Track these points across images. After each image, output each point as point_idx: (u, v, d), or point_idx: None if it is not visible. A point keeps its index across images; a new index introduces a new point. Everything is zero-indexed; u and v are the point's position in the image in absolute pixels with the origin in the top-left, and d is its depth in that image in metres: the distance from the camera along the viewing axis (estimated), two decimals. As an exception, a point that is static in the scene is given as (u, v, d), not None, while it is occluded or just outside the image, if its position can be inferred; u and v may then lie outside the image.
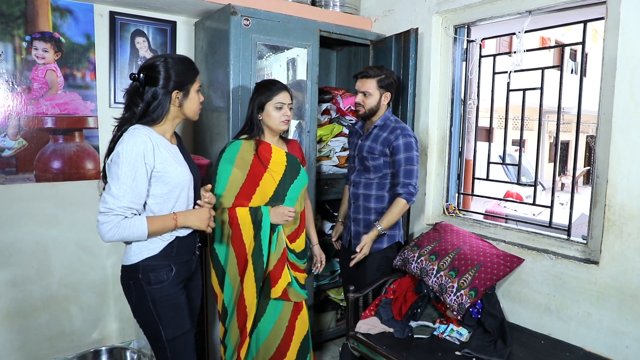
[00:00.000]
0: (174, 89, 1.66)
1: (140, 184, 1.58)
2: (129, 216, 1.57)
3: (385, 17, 3.06)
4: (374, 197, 2.44)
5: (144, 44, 2.75)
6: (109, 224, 1.54)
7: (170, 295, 1.69)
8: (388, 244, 2.46)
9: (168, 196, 1.67)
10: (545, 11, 2.33)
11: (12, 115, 2.43)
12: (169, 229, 1.65)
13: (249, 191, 2.01)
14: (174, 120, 1.73)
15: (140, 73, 1.63)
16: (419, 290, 2.39)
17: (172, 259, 1.70)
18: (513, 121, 10.27)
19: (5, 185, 2.45)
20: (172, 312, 1.69)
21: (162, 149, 1.64)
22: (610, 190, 2.03)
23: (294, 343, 2.13)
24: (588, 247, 2.19)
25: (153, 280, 1.66)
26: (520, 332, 2.25)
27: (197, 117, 1.80)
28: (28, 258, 2.54)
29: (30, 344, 2.58)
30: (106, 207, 1.54)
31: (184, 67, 1.69)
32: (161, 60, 1.66)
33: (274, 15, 2.50)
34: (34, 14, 2.43)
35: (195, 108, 1.76)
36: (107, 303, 2.81)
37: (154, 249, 1.66)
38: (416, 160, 2.36)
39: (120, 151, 1.56)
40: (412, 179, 2.34)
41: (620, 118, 1.99)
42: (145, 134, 1.60)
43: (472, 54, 2.79)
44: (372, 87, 2.39)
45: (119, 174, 1.55)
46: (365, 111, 2.43)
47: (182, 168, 1.70)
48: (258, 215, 1.98)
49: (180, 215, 1.66)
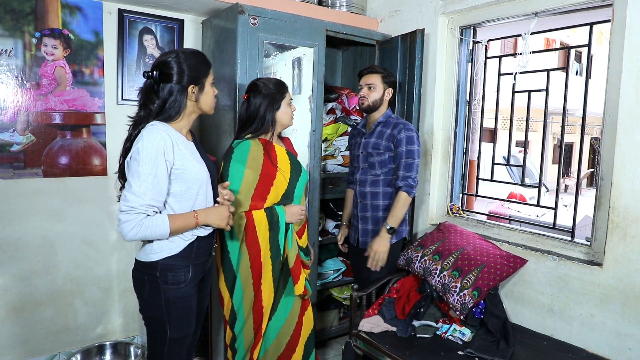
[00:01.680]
0: (189, 84, 1.65)
1: (161, 181, 1.56)
2: (151, 214, 1.55)
3: (392, 17, 3.07)
4: (382, 194, 2.46)
5: (151, 41, 2.77)
6: (131, 222, 1.51)
7: (185, 298, 1.68)
8: (396, 240, 2.48)
9: (187, 193, 1.65)
10: (551, 13, 2.33)
11: (21, 110, 2.45)
12: (190, 227, 1.63)
13: (263, 192, 1.99)
14: (190, 116, 1.72)
15: (154, 70, 1.62)
16: (422, 290, 2.40)
17: (191, 260, 1.69)
18: (517, 122, 10.25)
19: (14, 180, 2.47)
20: (182, 313, 1.68)
21: (181, 146, 1.63)
22: (615, 192, 2.03)
23: (301, 340, 2.14)
24: (592, 249, 2.19)
25: (170, 281, 1.64)
26: (523, 333, 2.26)
27: (212, 111, 1.78)
28: (34, 252, 2.56)
29: (35, 337, 2.60)
30: (128, 205, 1.51)
31: (196, 60, 1.68)
32: (173, 56, 1.64)
33: (281, 14, 2.51)
34: (43, 11, 2.45)
35: (211, 102, 1.75)
36: (111, 298, 2.83)
37: (175, 248, 1.65)
38: (417, 154, 2.39)
39: (140, 148, 1.53)
40: (412, 172, 2.36)
41: (626, 120, 1.99)
42: (164, 130, 1.59)
43: (477, 55, 2.80)
44: (378, 80, 2.47)
45: (139, 172, 1.52)
46: (369, 104, 2.48)
47: (200, 165, 1.69)
48: (274, 216, 1.97)
49: (201, 213, 1.65)
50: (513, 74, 2.54)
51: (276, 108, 2.05)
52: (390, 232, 2.37)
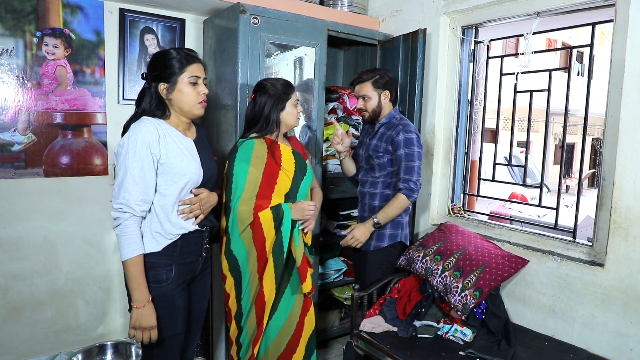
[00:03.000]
0: (157, 81, 1.67)
1: (148, 174, 1.57)
2: (138, 214, 1.57)
3: (393, 17, 3.06)
4: (379, 196, 2.45)
5: (153, 41, 2.77)
6: (118, 220, 1.57)
7: (167, 297, 1.67)
8: (389, 243, 2.45)
9: (171, 189, 1.64)
10: (553, 13, 2.33)
11: (22, 110, 2.45)
12: (131, 283, 1.60)
13: (267, 190, 1.98)
14: (178, 113, 1.72)
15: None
16: (424, 290, 2.40)
17: (174, 259, 1.68)
18: (518, 123, 10.24)
19: (15, 180, 2.47)
20: (165, 312, 1.67)
21: (169, 139, 1.63)
22: (617, 192, 2.03)
23: (302, 340, 2.14)
24: (593, 250, 2.19)
25: (151, 279, 1.63)
26: (525, 333, 2.25)
27: (194, 111, 1.72)
28: (35, 252, 2.56)
29: (36, 337, 2.60)
30: (118, 202, 1.55)
31: (165, 58, 1.66)
32: (155, 54, 1.72)
33: (283, 14, 2.51)
34: (45, 10, 2.45)
35: (188, 101, 1.68)
36: (112, 298, 2.83)
37: (157, 246, 1.64)
38: (417, 156, 2.33)
39: (126, 141, 1.55)
40: (413, 175, 2.30)
41: (628, 120, 1.99)
42: (153, 124, 1.60)
43: (479, 55, 2.79)
44: (369, 89, 2.42)
45: (127, 165, 1.54)
46: (369, 114, 2.46)
47: (190, 161, 1.68)
48: (280, 213, 1.96)
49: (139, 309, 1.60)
50: (515, 74, 2.54)
51: (281, 108, 2.04)
52: (376, 226, 2.34)
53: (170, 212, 1.66)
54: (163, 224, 1.65)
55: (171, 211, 1.66)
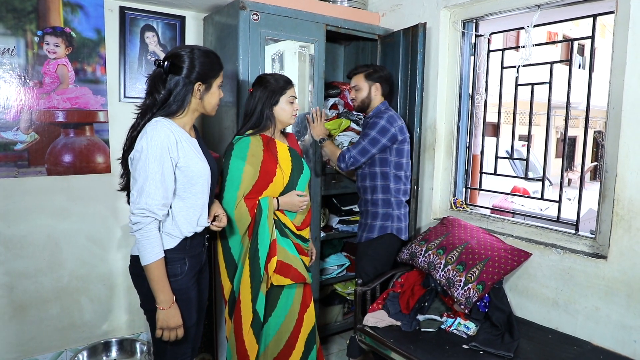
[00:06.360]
0: (197, 81, 1.66)
1: (168, 179, 1.57)
2: (160, 218, 1.58)
3: (393, 11, 3.06)
4: (380, 188, 2.49)
5: (153, 38, 2.77)
6: (140, 224, 1.55)
7: (183, 290, 1.69)
8: (379, 234, 2.50)
9: (191, 190, 1.66)
10: (554, 5, 2.32)
11: (24, 109, 2.46)
12: (156, 285, 1.60)
13: (261, 187, 1.99)
14: (193, 113, 1.72)
15: (165, 61, 1.62)
16: (427, 284, 2.40)
17: (187, 252, 1.70)
18: (520, 116, 10.21)
19: (18, 179, 2.48)
20: (182, 304, 1.68)
21: (184, 143, 1.64)
22: (619, 184, 2.03)
23: (301, 336, 2.14)
24: (596, 242, 2.19)
25: (168, 273, 1.64)
26: (528, 326, 2.26)
27: (214, 112, 1.79)
28: (40, 250, 2.58)
29: (41, 335, 2.62)
30: (138, 208, 1.54)
31: (208, 60, 1.68)
32: (187, 50, 1.65)
33: (283, 9, 2.51)
34: (45, 9, 2.45)
35: (214, 103, 1.75)
36: (117, 295, 2.84)
37: (172, 242, 1.66)
38: (370, 140, 2.41)
39: (144, 146, 1.54)
40: (355, 150, 2.42)
41: (630, 112, 1.98)
42: (168, 127, 1.59)
43: (480, 49, 2.79)
44: (361, 80, 2.55)
45: (147, 170, 1.53)
46: (358, 104, 2.58)
47: (202, 162, 1.70)
48: (259, 205, 1.97)
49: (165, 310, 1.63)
50: (516, 67, 2.53)
51: (273, 103, 2.03)
52: (321, 142, 2.56)
53: (188, 215, 1.68)
54: (180, 225, 1.66)
55: (191, 213, 1.68)
